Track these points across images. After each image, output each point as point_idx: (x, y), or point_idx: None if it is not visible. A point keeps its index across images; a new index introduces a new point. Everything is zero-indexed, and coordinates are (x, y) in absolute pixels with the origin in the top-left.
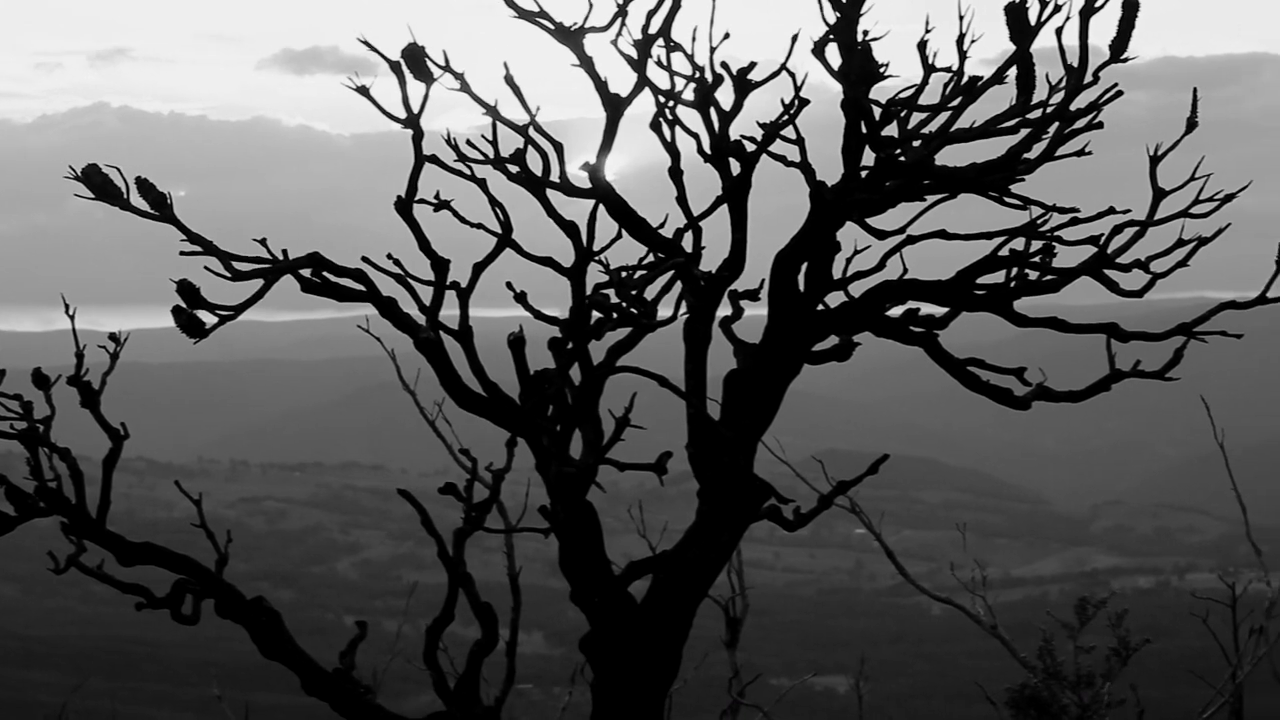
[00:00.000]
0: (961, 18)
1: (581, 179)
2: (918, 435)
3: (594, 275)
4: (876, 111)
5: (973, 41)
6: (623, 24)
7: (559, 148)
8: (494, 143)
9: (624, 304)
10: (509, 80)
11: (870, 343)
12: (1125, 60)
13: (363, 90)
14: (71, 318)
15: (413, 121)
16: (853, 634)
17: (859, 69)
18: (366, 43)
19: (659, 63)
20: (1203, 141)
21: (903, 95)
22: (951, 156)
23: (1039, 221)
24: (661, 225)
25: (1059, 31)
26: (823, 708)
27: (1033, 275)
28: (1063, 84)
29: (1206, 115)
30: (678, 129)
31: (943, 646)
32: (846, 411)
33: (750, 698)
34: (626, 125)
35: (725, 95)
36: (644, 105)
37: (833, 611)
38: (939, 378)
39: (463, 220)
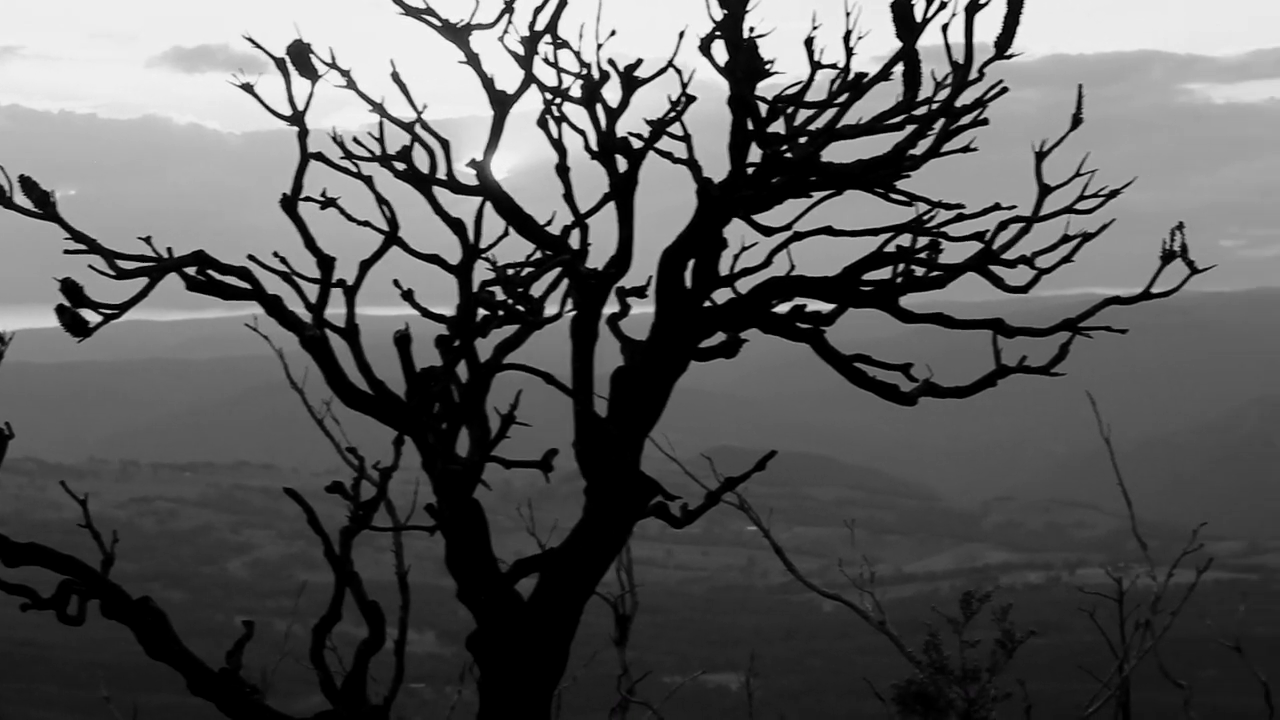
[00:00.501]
0: (848, 14)
1: (469, 176)
2: (810, 432)
3: (481, 273)
4: (763, 108)
5: (859, 38)
6: (509, 21)
7: (446, 145)
8: (381, 140)
9: (511, 301)
10: (395, 77)
11: (762, 339)
12: (1010, 56)
13: (247, 88)
14: None
15: (298, 119)
16: (745, 631)
17: (745, 66)
18: (252, 40)
19: (546, 60)
20: (1092, 138)
21: (789, 92)
22: (838, 153)
23: (925, 218)
24: (549, 223)
25: (945, 28)
26: (715, 705)
27: (919, 271)
28: (948, 80)
29: (1096, 112)
30: (565, 126)
31: (835, 643)
32: (738, 408)
33: (641, 695)
34: (515, 123)
35: (612, 92)
36: (532, 103)
37: (725, 609)
38: (831, 374)
39: (350, 218)
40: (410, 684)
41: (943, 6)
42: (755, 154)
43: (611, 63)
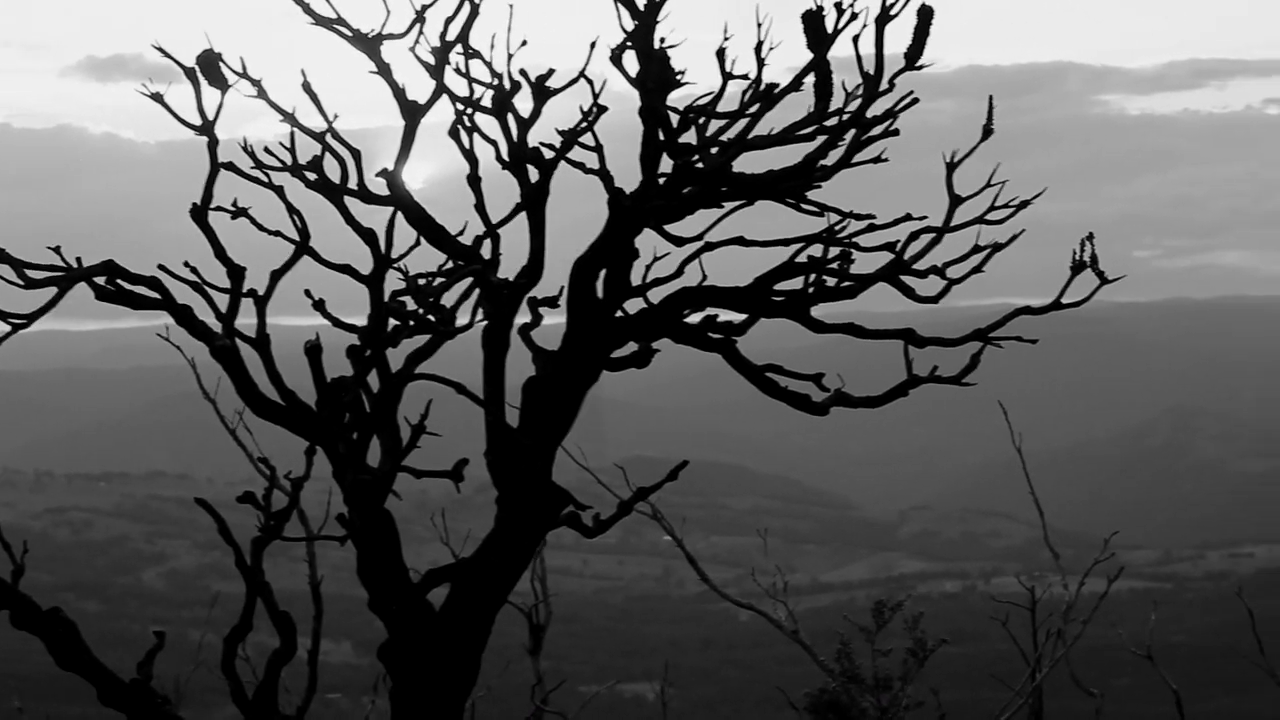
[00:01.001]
0: (760, 25)
1: (380, 186)
2: (726, 442)
3: (393, 283)
4: (674, 119)
5: (771, 49)
6: (421, 31)
7: (357, 155)
8: (292, 150)
9: (422, 311)
10: (307, 87)
11: (677, 349)
12: (921, 67)
13: (157, 97)
14: None
15: (207, 128)
16: (661, 640)
17: (656, 76)
18: (161, 49)
19: (457, 70)
20: (1006, 149)
21: (701, 102)
22: (749, 163)
23: (836, 228)
24: (461, 233)
25: (856, 39)
26: (632, 715)
27: (830, 281)
28: (859, 91)
29: (1010, 123)
30: (476, 136)
31: (751, 652)
32: (654, 418)
33: (557, 705)
34: (429, 133)
35: (524, 102)
36: (445, 113)
37: (641, 618)
38: (747, 384)
39: (261, 228)
40: (326, 694)
41: (854, 18)
42: (667, 164)
43: (523, 73)
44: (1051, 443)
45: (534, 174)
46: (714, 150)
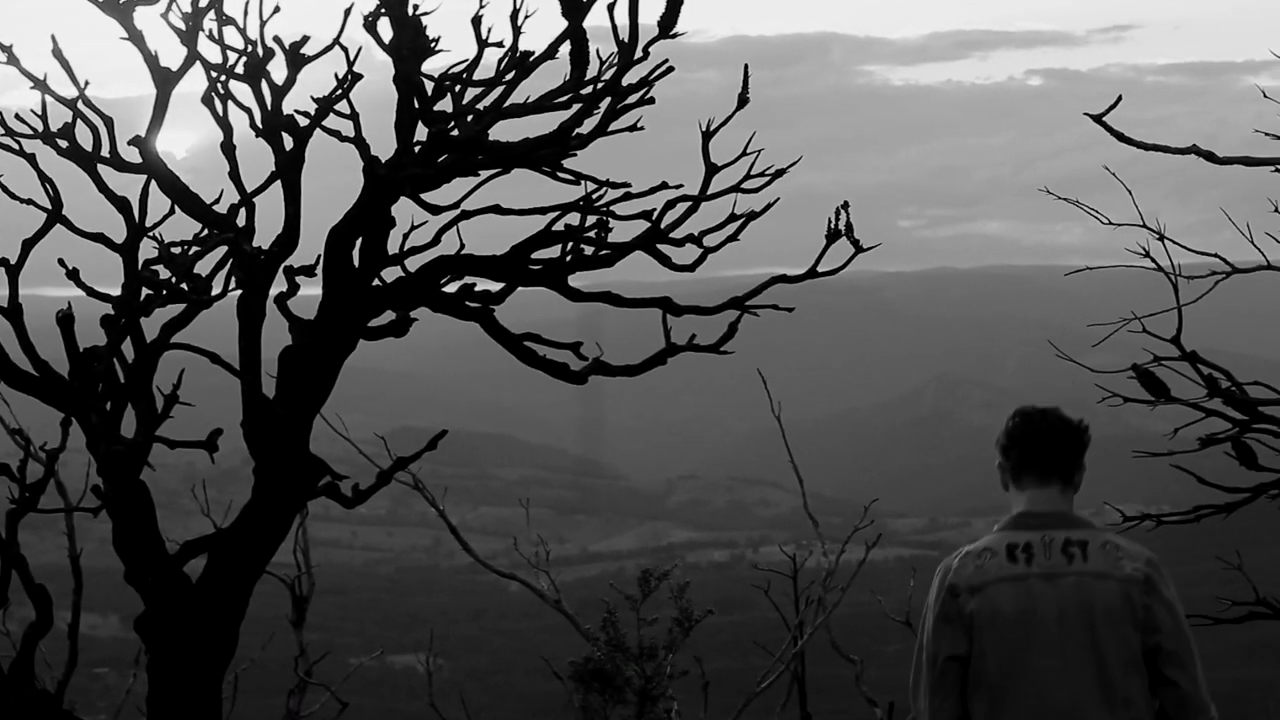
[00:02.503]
0: None
1: (133, 155)
2: (494, 412)
3: (147, 251)
4: (430, 86)
5: (526, 17)
6: None
7: (109, 122)
8: (44, 117)
9: (176, 280)
10: (57, 53)
11: (442, 319)
12: (675, 36)
13: None
14: None
15: None
16: (432, 611)
17: (410, 43)
18: None
19: (210, 36)
20: (771, 119)
21: (456, 70)
22: (506, 131)
23: (594, 197)
24: (216, 202)
25: (611, 8)
26: (403, 686)
27: (588, 250)
28: (614, 60)
29: (776, 93)
30: (231, 104)
31: (521, 622)
32: (421, 388)
33: (324, 677)
34: (189, 103)
35: (278, 70)
36: (202, 81)
37: (411, 589)
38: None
39: (12, 195)
40: (94, 669)
41: None
42: (423, 132)
43: (277, 39)
44: (818, 411)
45: (289, 142)
46: (470, 118)
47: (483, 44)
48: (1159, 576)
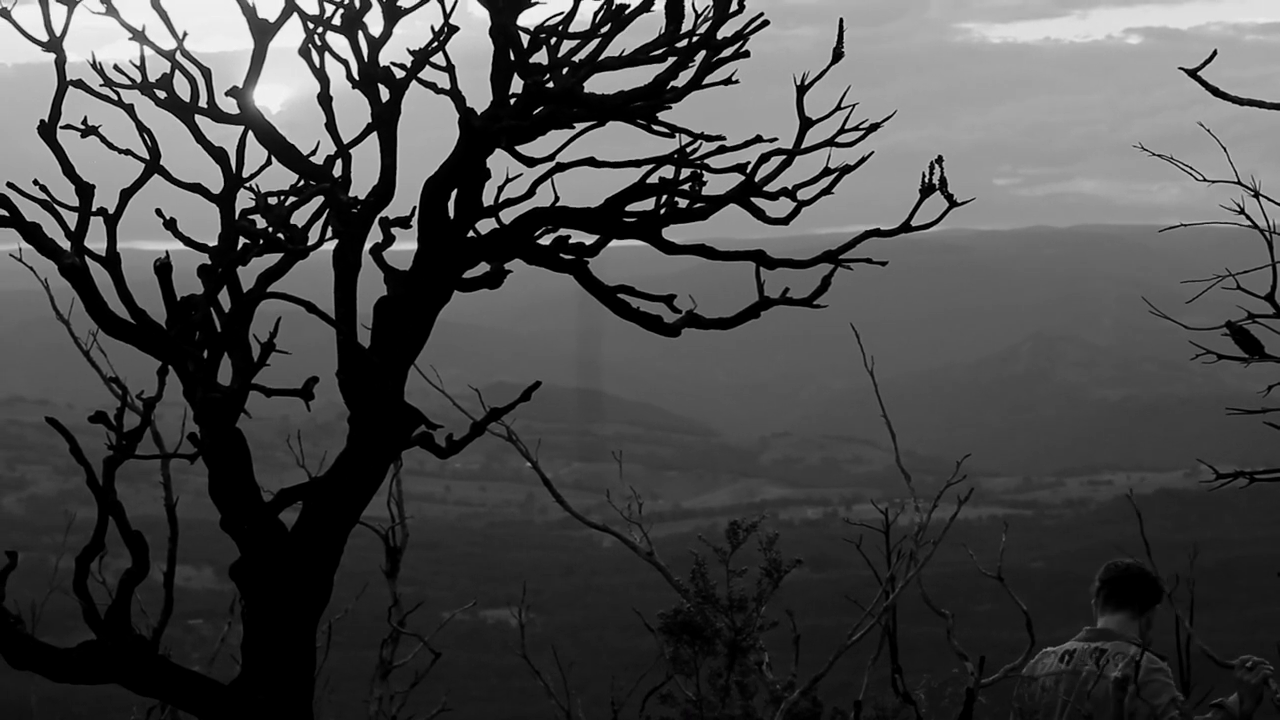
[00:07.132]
0: None
1: (231, 106)
2: (588, 368)
3: (244, 202)
4: (525, 39)
5: None
6: None
7: (207, 73)
8: (142, 68)
9: (272, 230)
10: (156, 5)
11: (539, 273)
12: None
13: (3, 13)
14: None
15: (55, 45)
16: (525, 566)
17: None
18: None
19: None
20: (868, 75)
21: (552, 22)
22: (601, 84)
23: (688, 150)
24: (313, 153)
25: None
26: (495, 640)
27: (681, 203)
28: (710, 13)
29: (873, 50)
30: (327, 56)
31: (613, 578)
32: (515, 344)
33: (417, 628)
34: (287, 57)
35: (375, 21)
36: (299, 35)
37: (504, 544)
38: (607, 310)
39: (111, 146)
40: (188, 620)
41: None
42: (518, 85)
43: None
44: (912, 369)
45: (385, 94)
46: (565, 71)
47: None
48: (1137, 676)
